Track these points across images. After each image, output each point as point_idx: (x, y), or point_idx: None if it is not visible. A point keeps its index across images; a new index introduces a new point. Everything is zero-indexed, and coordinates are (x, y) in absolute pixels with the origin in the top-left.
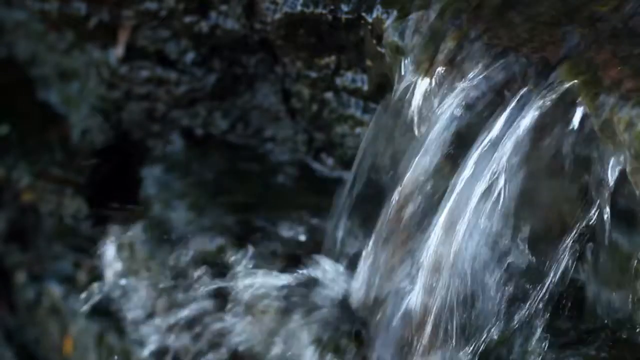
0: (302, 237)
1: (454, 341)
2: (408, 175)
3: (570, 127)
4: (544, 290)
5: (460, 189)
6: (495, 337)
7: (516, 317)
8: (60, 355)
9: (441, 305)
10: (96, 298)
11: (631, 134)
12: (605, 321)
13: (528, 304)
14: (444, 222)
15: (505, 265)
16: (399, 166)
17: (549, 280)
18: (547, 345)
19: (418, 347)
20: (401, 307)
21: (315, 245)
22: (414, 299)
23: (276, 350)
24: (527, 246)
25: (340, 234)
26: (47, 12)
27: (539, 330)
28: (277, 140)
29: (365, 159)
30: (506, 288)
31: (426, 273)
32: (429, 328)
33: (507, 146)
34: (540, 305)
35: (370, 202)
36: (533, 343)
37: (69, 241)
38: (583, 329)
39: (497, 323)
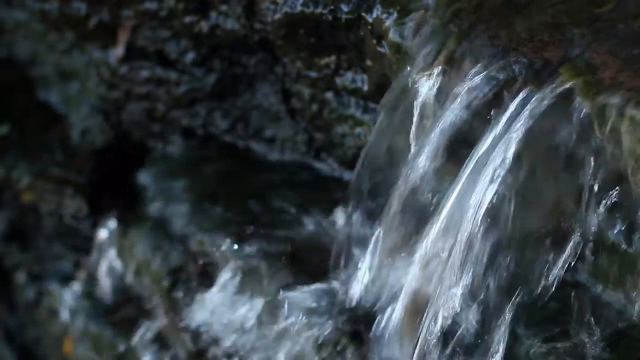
0: (303, 237)
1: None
2: (410, 175)
3: (570, 127)
4: (545, 290)
5: (461, 188)
6: (497, 334)
7: (518, 316)
8: (60, 355)
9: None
10: (96, 298)
11: (631, 134)
12: (608, 320)
13: (529, 303)
14: (444, 221)
15: (505, 264)
16: (401, 166)
17: (549, 280)
18: (549, 345)
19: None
20: (401, 303)
21: (317, 244)
22: (412, 294)
23: (277, 350)
24: (528, 244)
25: (344, 233)
26: (47, 12)
27: (542, 330)
28: (277, 140)
29: (369, 159)
30: (506, 287)
31: (424, 271)
32: (426, 325)
33: (508, 146)
34: (542, 305)
35: (375, 202)
36: (534, 342)
37: (69, 241)
38: (585, 328)
39: (499, 321)
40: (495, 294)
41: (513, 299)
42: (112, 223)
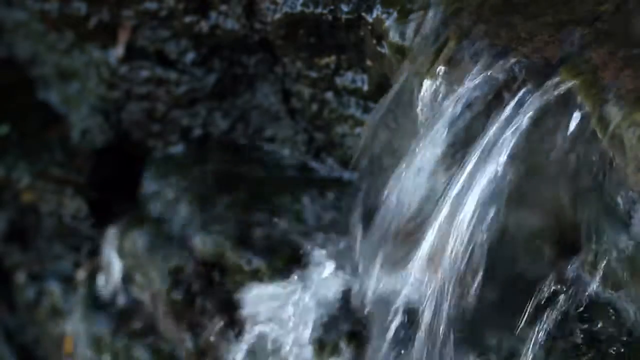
0: (303, 237)
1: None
2: (409, 174)
3: (570, 127)
4: (545, 292)
5: (459, 188)
6: (497, 336)
7: (518, 318)
8: (60, 355)
9: (439, 300)
10: (96, 298)
11: (632, 134)
12: (608, 321)
13: (529, 305)
14: (443, 221)
15: (506, 267)
16: (400, 166)
17: (550, 281)
18: (551, 347)
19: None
20: (401, 302)
21: (316, 245)
22: (413, 293)
23: (277, 349)
24: (527, 246)
25: (342, 233)
26: (47, 12)
27: (543, 332)
28: (277, 140)
29: (370, 160)
30: (507, 290)
31: (424, 270)
32: (427, 323)
33: (507, 146)
34: (542, 307)
35: (376, 203)
36: (537, 344)
37: (69, 241)
38: (586, 329)
39: (499, 323)
40: (494, 297)
41: (514, 302)
42: (112, 223)
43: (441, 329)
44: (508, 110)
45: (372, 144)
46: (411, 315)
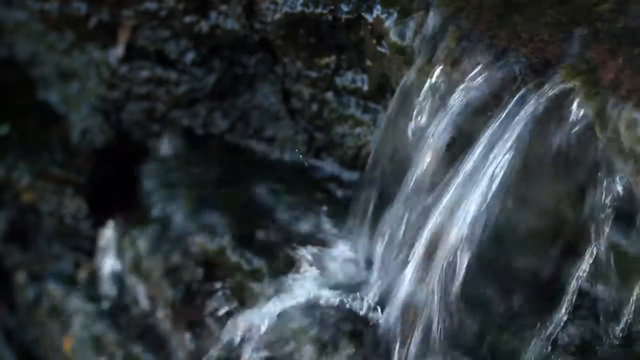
0: (303, 237)
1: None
2: (410, 173)
3: (570, 127)
4: (543, 291)
5: (459, 188)
6: (494, 335)
7: (516, 317)
8: (60, 355)
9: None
10: (96, 298)
11: (632, 134)
12: (606, 321)
13: (527, 304)
14: (442, 222)
15: (504, 265)
16: (403, 165)
17: (548, 280)
18: (547, 347)
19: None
20: (402, 299)
21: (316, 245)
22: (411, 289)
23: (277, 349)
24: (527, 243)
25: (344, 232)
26: (47, 12)
27: (540, 331)
28: (277, 140)
29: (376, 160)
30: (505, 288)
31: (422, 267)
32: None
33: (507, 146)
34: (540, 306)
35: (381, 202)
36: (534, 344)
37: (69, 241)
38: (583, 329)
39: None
40: (490, 294)
41: (512, 298)
42: (112, 223)
43: (437, 326)
44: (508, 110)
45: (382, 148)
46: (409, 311)
